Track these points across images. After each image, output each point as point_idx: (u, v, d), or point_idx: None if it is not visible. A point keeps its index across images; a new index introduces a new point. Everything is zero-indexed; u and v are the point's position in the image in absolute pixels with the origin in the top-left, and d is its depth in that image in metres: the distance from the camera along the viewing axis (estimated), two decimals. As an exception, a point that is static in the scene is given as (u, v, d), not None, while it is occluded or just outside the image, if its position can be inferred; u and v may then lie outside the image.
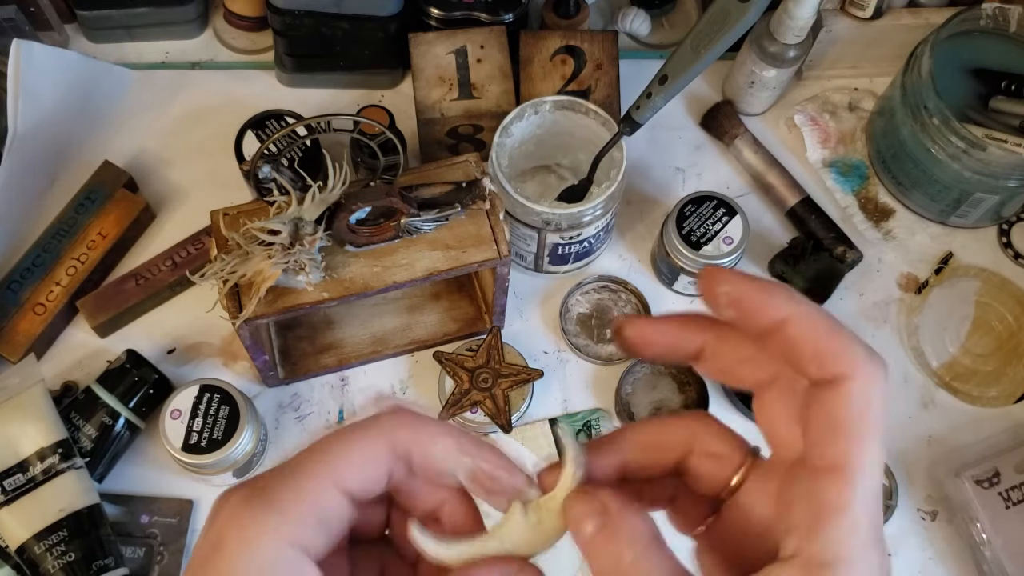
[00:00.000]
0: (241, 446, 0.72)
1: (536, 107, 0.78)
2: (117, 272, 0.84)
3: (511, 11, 0.87)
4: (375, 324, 0.82)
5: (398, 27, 0.87)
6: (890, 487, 0.78)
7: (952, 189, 0.84)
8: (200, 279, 0.64)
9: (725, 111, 0.92)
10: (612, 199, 0.77)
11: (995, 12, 0.85)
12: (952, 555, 0.77)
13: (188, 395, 0.72)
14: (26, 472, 0.70)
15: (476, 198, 0.68)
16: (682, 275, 0.82)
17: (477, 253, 0.68)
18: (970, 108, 0.83)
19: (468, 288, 0.84)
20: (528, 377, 0.77)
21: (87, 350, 0.81)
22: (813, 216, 0.87)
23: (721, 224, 0.80)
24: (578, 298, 0.85)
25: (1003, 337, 0.85)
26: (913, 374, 0.84)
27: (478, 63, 0.86)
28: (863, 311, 0.86)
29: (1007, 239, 0.89)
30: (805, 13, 0.81)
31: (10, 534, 0.69)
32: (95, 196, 0.83)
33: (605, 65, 0.86)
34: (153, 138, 0.90)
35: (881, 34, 0.89)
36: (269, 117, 0.80)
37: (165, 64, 0.94)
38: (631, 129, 0.76)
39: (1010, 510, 0.75)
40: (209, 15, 0.96)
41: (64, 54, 0.83)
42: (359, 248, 0.67)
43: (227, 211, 0.68)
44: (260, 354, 0.74)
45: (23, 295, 0.80)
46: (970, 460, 0.77)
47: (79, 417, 0.74)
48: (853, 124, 0.93)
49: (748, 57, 0.87)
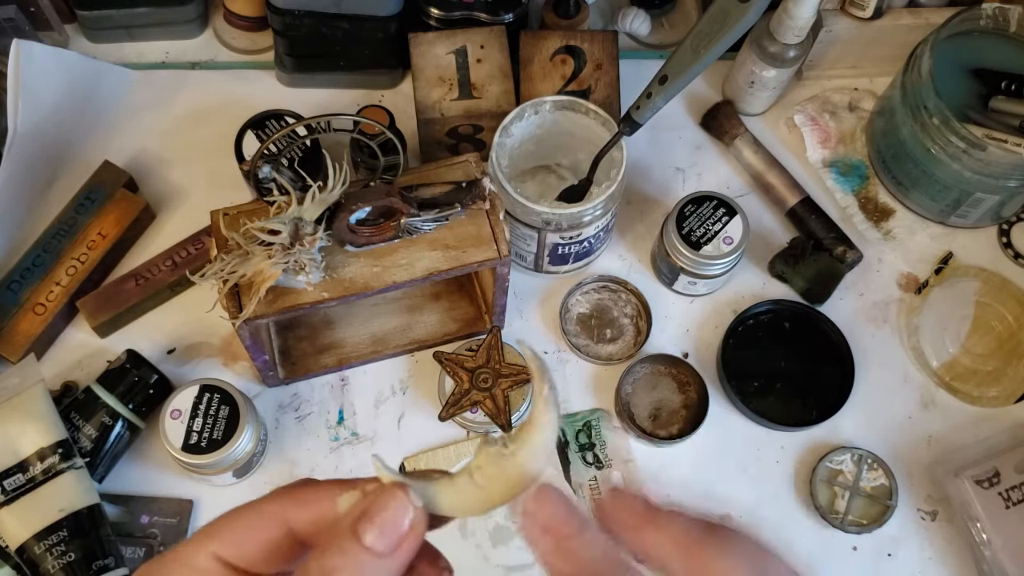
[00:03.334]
0: (241, 446, 0.72)
1: (536, 107, 0.78)
2: (117, 272, 0.84)
3: (511, 11, 0.87)
4: (375, 324, 0.82)
5: (398, 27, 0.87)
6: (890, 487, 0.78)
7: (952, 189, 0.84)
8: (200, 279, 0.64)
9: (725, 111, 0.92)
10: (612, 199, 0.77)
11: (995, 12, 0.85)
12: (952, 555, 0.77)
13: (188, 395, 0.72)
14: (26, 472, 0.70)
15: (476, 198, 0.68)
16: (682, 275, 0.82)
17: (477, 253, 0.68)
18: (970, 108, 0.83)
19: (468, 288, 0.84)
20: (528, 377, 0.77)
21: (87, 350, 0.81)
22: (813, 216, 0.87)
23: (721, 224, 0.80)
24: (578, 298, 0.85)
25: (1003, 337, 0.85)
26: (913, 374, 0.84)
27: (478, 63, 0.86)
28: (863, 311, 0.86)
29: (1007, 239, 0.89)
30: (805, 13, 0.81)
31: (10, 534, 0.69)
32: (95, 196, 0.83)
33: (605, 65, 0.86)
34: (153, 138, 0.90)
35: (881, 34, 0.89)
36: (269, 117, 0.80)
37: (165, 64, 0.94)
38: (631, 129, 0.76)
39: (1010, 510, 0.75)
40: (209, 15, 0.96)
41: (64, 54, 0.83)
42: (359, 248, 0.67)
43: (227, 211, 0.68)
44: (260, 354, 0.74)
45: (23, 295, 0.80)
46: (970, 460, 0.77)
47: (79, 417, 0.74)
48: (853, 124, 0.93)
49: (748, 57, 0.87)
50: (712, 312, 0.85)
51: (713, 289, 0.85)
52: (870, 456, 0.79)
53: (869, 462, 0.79)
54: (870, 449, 0.80)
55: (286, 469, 0.78)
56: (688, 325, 0.85)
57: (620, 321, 0.84)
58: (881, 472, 0.79)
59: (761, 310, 0.84)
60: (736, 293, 0.86)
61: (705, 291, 0.85)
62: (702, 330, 0.85)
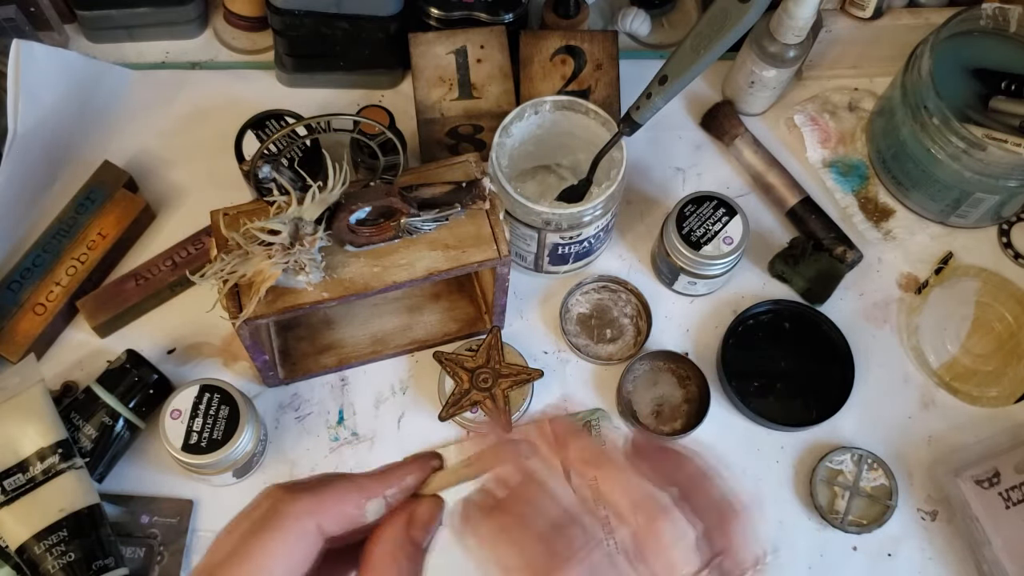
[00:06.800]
0: (241, 446, 0.72)
1: (536, 107, 0.78)
2: (117, 272, 0.84)
3: (511, 11, 0.87)
4: (375, 324, 0.82)
5: (398, 27, 0.87)
6: (890, 487, 0.78)
7: (952, 189, 0.84)
8: (200, 279, 0.64)
9: (725, 111, 0.92)
10: (612, 199, 0.77)
11: (995, 12, 0.85)
12: (952, 555, 0.77)
13: (188, 395, 0.72)
14: (26, 472, 0.70)
15: (476, 198, 0.68)
16: (682, 275, 0.82)
17: (477, 253, 0.68)
18: (970, 108, 0.83)
19: (468, 288, 0.84)
20: (528, 377, 0.77)
21: (87, 350, 0.81)
22: (813, 216, 0.87)
23: (721, 224, 0.80)
24: (578, 298, 0.85)
25: (1003, 337, 0.85)
26: (913, 374, 0.84)
27: (478, 63, 0.86)
28: (863, 311, 0.86)
29: (1007, 239, 0.89)
30: (805, 13, 0.81)
31: (10, 534, 0.69)
32: (95, 196, 0.83)
33: (605, 65, 0.86)
34: (153, 138, 0.90)
35: (881, 34, 0.89)
36: (269, 117, 0.80)
37: (165, 64, 0.94)
38: (631, 129, 0.76)
39: (1010, 510, 0.75)
40: (209, 15, 0.96)
41: (64, 54, 0.83)
42: (359, 248, 0.67)
43: (227, 211, 0.68)
44: (260, 354, 0.74)
45: (23, 295, 0.80)
46: (970, 460, 0.77)
47: (79, 417, 0.74)
48: (853, 124, 0.93)
49: (748, 57, 0.88)
50: (712, 312, 0.85)
51: (713, 289, 0.85)
52: (870, 456, 0.79)
53: (869, 462, 0.79)
54: (870, 449, 0.80)
55: (286, 469, 0.78)
56: (688, 325, 0.85)
57: (620, 321, 0.84)
58: (881, 472, 0.79)
59: (761, 310, 0.84)
60: (736, 293, 0.86)
61: (705, 291, 0.85)
62: (702, 330, 0.85)
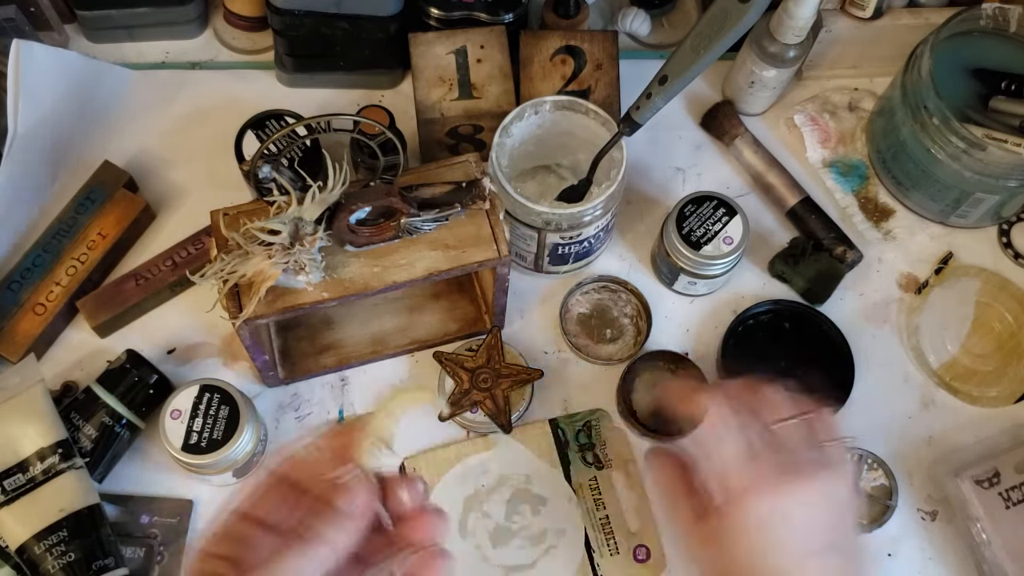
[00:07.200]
0: (241, 446, 0.72)
1: (536, 107, 0.78)
2: (117, 272, 0.84)
3: (511, 11, 0.87)
4: (375, 324, 0.82)
5: (398, 27, 0.87)
6: (890, 487, 0.78)
7: (952, 189, 0.84)
8: (200, 279, 0.64)
9: (725, 111, 0.92)
10: (612, 199, 0.77)
11: (995, 12, 0.85)
12: (952, 555, 0.77)
13: (188, 395, 0.72)
14: (26, 472, 0.70)
15: (476, 198, 0.68)
16: (682, 275, 0.82)
17: (477, 253, 0.68)
18: (970, 108, 0.83)
19: (468, 288, 0.84)
20: (528, 377, 0.77)
21: (87, 350, 0.81)
22: (813, 216, 0.87)
23: (721, 224, 0.80)
24: (578, 298, 0.85)
25: (1003, 337, 0.85)
26: (913, 374, 0.84)
27: (478, 63, 0.86)
28: (863, 311, 0.86)
29: (1007, 239, 0.89)
30: (805, 13, 0.81)
31: (10, 534, 0.69)
32: (95, 196, 0.83)
33: (605, 65, 0.86)
34: (153, 138, 0.90)
35: (881, 34, 0.90)
36: (269, 117, 0.80)
37: (165, 64, 0.94)
38: (631, 129, 0.76)
39: (1010, 510, 0.75)
40: (209, 15, 0.96)
41: (64, 54, 0.83)
42: (359, 248, 0.67)
43: (227, 211, 0.68)
44: (260, 354, 0.74)
45: (23, 295, 0.80)
46: (970, 460, 0.77)
47: (79, 417, 0.74)
48: (853, 124, 0.93)
49: (748, 57, 0.88)
50: (712, 312, 0.85)
51: (713, 289, 0.85)
52: (870, 456, 0.79)
53: (869, 462, 0.79)
54: (870, 449, 0.79)
55: (286, 469, 0.78)
56: (688, 325, 0.85)
57: (620, 321, 0.84)
58: (881, 472, 0.79)
59: (761, 310, 0.84)
60: (736, 293, 0.86)
61: (705, 291, 0.85)
62: (702, 330, 0.85)
